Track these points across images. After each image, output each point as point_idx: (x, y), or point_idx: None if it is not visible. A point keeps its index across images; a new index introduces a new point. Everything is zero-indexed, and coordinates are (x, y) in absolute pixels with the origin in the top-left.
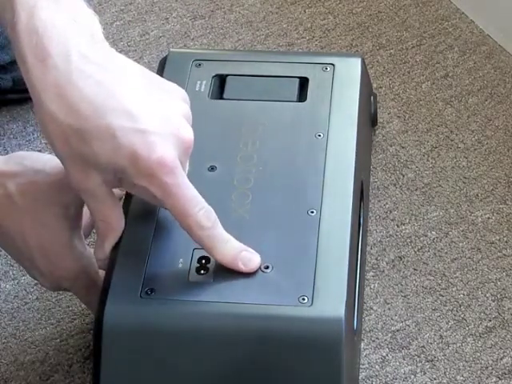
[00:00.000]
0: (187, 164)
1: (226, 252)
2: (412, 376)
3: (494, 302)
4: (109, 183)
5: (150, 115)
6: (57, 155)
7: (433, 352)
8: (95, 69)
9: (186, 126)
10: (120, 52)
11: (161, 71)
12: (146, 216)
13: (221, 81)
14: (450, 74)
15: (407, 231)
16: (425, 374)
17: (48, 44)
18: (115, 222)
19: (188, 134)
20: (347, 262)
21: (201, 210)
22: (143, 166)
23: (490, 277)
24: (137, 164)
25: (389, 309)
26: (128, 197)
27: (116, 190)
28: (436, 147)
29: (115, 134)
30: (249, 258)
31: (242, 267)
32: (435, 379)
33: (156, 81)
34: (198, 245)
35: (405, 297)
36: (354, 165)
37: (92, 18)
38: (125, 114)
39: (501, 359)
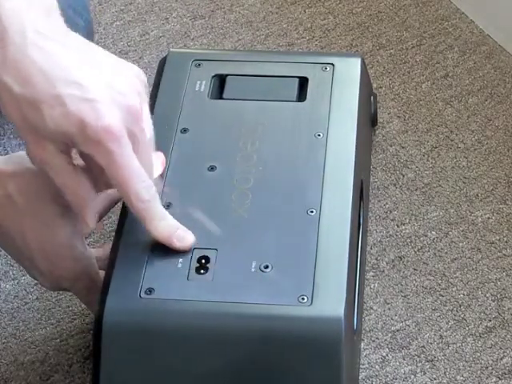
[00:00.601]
0: (144, 134)
1: (162, 228)
2: (412, 376)
3: (493, 302)
4: (65, 152)
5: (99, 86)
6: (17, 129)
7: (433, 352)
8: (49, 43)
9: (133, 96)
10: (120, 52)
11: (161, 71)
12: None
13: (220, 81)
14: (450, 74)
15: (407, 231)
16: (425, 374)
17: (6, 22)
18: (82, 192)
19: (135, 103)
20: (347, 262)
21: (142, 182)
22: (90, 132)
23: (490, 277)
24: (84, 131)
25: (389, 309)
26: None
27: (115, 190)
28: (436, 147)
29: (64, 101)
30: (183, 236)
31: (177, 244)
32: (435, 379)
33: (109, 58)
34: (138, 219)
35: (405, 297)
36: (353, 164)
37: None
38: (74, 83)
39: (501, 359)
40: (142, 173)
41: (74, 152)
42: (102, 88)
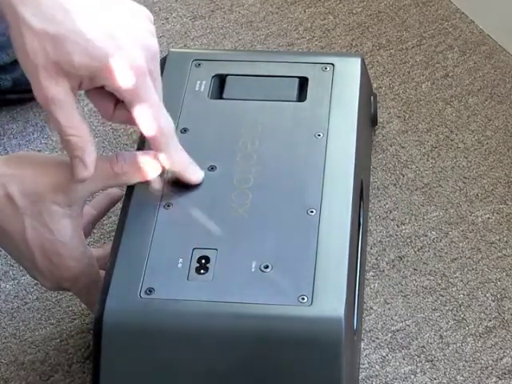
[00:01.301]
0: (159, 71)
1: (179, 159)
2: (412, 376)
3: (493, 302)
4: (74, 92)
5: (119, 24)
6: (29, 67)
7: (433, 352)
8: None
9: (151, 37)
10: None
11: (161, 71)
12: (146, 216)
13: (220, 81)
14: (450, 74)
15: (407, 231)
16: (425, 374)
17: None
18: (86, 134)
19: (154, 42)
20: (347, 262)
21: (165, 114)
22: (115, 66)
23: (490, 277)
24: (109, 66)
25: (389, 309)
26: (128, 196)
27: (115, 190)
28: (436, 147)
29: (88, 37)
30: (195, 169)
31: (191, 177)
32: (435, 379)
33: (123, 3)
34: (155, 149)
35: (405, 297)
36: (353, 165)
37: None
38: (97, 21)
39: (501, 359)
40: (162, 106)
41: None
42: (121, 27)
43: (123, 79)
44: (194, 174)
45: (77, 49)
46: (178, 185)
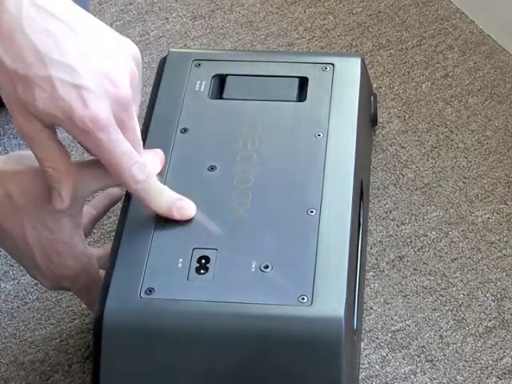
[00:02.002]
0: (132, 118)
1: (161, 203)
2: (412, 376)
3: (493, 302)
4: (50, 128)
5: (90, 71)
6: (4, 99)
7: (433, 352)
8: (46, 17)
9: (124, 83)
10: None
11: (161, 71)
12: (146, 216)
13: (220, 81)
14: (450, 74)
15: (407, 231)
16: (425, 374)
17: None
18: (64, 168)
19: (124, 91)
20: (347, 262)
21: (134, 164)
22: (77, 121)
23: (490, 277)
24: (72, 118)
25: (389, 309)
26: (128, 197)
27: (115, 190)
28: (436, 147)
29: (54, 84)
30: (183, 206)
31: (177, 216)
32: (435, 379)
33: (108, 34)
34: (139, 199)
35: (405, 297)
36: (353, 165)
37: None
38: (66, 67)
39: (501, 359)
40: (134, 154)
41: None
42: (94, 75)
43: (82, 133)
44: (180, 211)
45: (42, 96)
46: (178, 185)
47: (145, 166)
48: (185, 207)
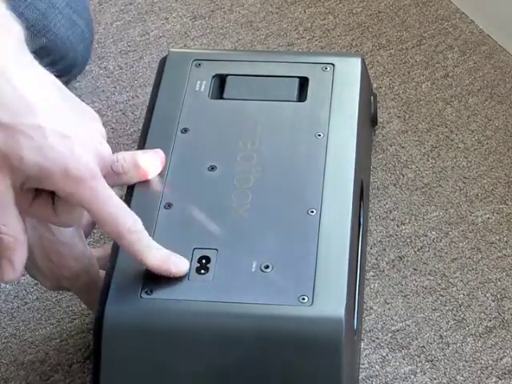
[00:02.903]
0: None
1: (156, 256)
2: (412, 376)
3: (493, 302)
4: (15, 191)
5: (76, 129)
6: None
7: (433, 352)
8: (28, 74)
9: (103, 143)
10: (120, 52)
11: (161, 71)
12: (146, 216)
13: (221, 81)
14: (450, 74)
15: (407, 231)
16: (425, 374)
17: None
18: (20, 234)
19: (107, 150)
20: (347, 262)
21: (129, 213)
22: (73, 169)
23: (490, 277)
24: (67, 169)
25: (389, 309)
26: (128, 197)
27: (115, 190)
28: (436, 147)
29: (46, 134)
30: (178, 261)
31: (174, 270)
32: (435, 379)
33: (74, 102)
34: (129, 252)
35: (405, 297)
36: (354, 165)
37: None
38: (56, 117)
39: (501, 359)
40: (126, 206)
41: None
42: (78, 131)
43: (77, 184)
44: (177, 266)
45: (30, 145)
46: (178, 185)
47: (138, 219)
48: (179, 262)
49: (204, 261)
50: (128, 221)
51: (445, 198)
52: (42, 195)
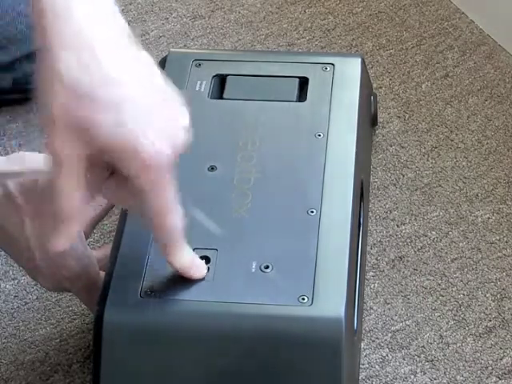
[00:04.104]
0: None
1: (186, 257)
2: (412, 376)
3: (494, 302)
4: (89, 162)
5: (158, 110)
6: (42, 109)
7: (433, 352)
8: (118, 49)
9: (183, 132)
10: None
11: (161, 71)
12: None
13: (221, 81)
14: (449, 74)
15: (407, 231)
16: (425, 374)
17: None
18: (80, 205)
19: (183, 140)
20: (347, 262)
21: (179, 210)
22: (143, 152)
23: (490, 277)
24: (137, 150)
25: (389, 309)
26: None
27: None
28: (436, 147)
29: (122, 108)
30: (200, 265)
31: (196, 274)
32: (435, 379)
33: (162, 85)
34: (160, 245)
35: (405, 297)
36: (354, 165)
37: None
38: (140, 96)
39: (501, 359)
40: (177, 202)
41: None
42: (157, 116)
43: (145, 169)
44: (198, 270)
45: (106, 117)
46: (178, 185)
47: (183, 217)
48: (202, 266)
49: (204, 261)
50: (176, 217)
51: (445, 198)
52: (118, 176)
